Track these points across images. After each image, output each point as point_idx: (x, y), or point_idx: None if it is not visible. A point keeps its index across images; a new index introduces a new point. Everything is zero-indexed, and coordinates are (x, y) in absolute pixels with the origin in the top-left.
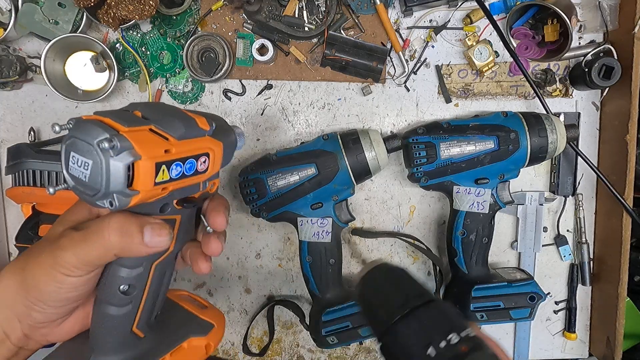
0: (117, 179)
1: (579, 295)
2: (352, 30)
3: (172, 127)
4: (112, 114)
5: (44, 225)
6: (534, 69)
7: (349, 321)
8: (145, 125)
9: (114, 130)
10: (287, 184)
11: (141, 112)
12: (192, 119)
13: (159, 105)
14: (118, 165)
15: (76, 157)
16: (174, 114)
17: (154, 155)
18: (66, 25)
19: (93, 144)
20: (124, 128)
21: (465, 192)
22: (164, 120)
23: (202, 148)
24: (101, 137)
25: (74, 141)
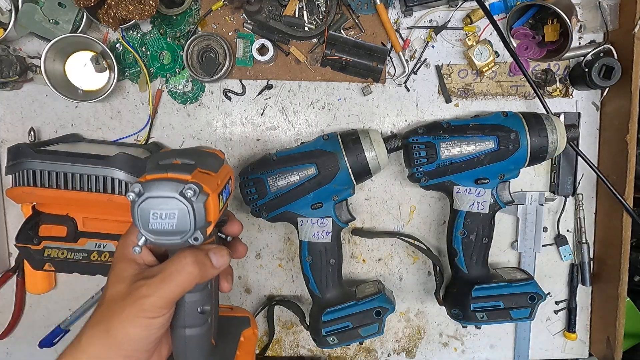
0: (200, 217)
1: (579, 295)
2: (352, 30)
3: (209, 164)
4: (167, 168)
5: (44, 225)
6: (534, 69)
7: (349, 321)
8: (195, 168)
9: (183, 180)
10: (287, 184)
11: (179, 159)
12: (214, 153)
13: (188, 150)
14: (200, 206)
15: (159, 213)
16: (203, 154)
17: (214, 190)
18: (66, 25)
19: (176, 196)
20: (188, 177)
21: (466, 192)
22: (201, 160)
23: (228, 174)
24: (181, 188)
25: (150, 201)
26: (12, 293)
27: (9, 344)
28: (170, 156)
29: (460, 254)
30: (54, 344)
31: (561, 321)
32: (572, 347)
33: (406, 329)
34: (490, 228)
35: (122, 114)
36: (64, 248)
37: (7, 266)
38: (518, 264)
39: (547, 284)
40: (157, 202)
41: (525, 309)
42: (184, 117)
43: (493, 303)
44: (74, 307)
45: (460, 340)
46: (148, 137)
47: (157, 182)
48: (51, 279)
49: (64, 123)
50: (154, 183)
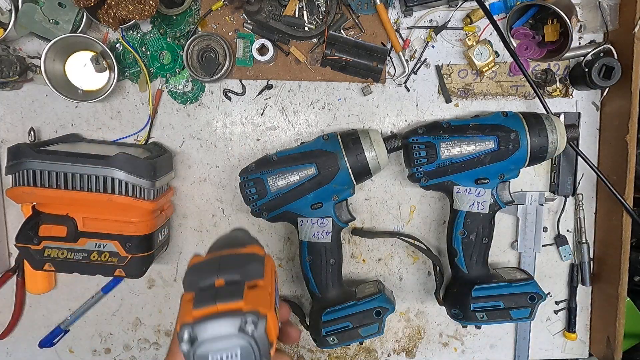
0: (264, 345)
1: (579, 295)
2: (352, 30)
3: (254, 271)
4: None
5: (44, 225)
6: (534, 69)
7: (349, 321)
8: (244, 286)
9: (238, 311)
10: (287, 184)
11: (222, 276)
12: (254, 254)
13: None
14: (262, 334)
15: (218, 355)
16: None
17: (270, 306)
18: (66, 25)
19: (236, 333)
20: (241, 304)
21: (466, 192)
22: (245, 270)
23: (272, 269)
24: (239, 323)
25: (206, 346)
26: (12, 293)
27: (9, 344)
28: (210, 272)
29: (460, 254)
30: (54, 344)
31: (561, 321)
32: (572, 347)
33: (406, 329)
34: (490, 228)
35: (122, 114)
36: (64, 248)
37: (7, 266)
38: (518, 264)
39: (547, 284)
40: (214, 345)
41: (525, 309)
42: (184, 117)
43: (493, 303)
44: (74, 307)
45: (460, 340)
46: (148, 137)
47: (209, 322)
48: (51, 279)
49: (64, 123)
50: (206, 323)
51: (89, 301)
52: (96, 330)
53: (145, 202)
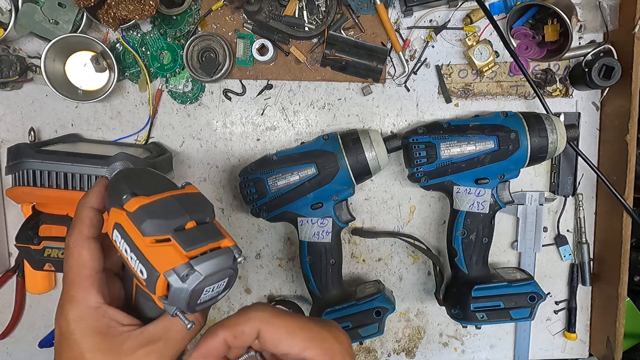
0: (237, 270)
1: (579, 295)
2: (352, 30)
3: (210, 211)
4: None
5: (44, 225)
6: (534, 69)
7: (348, 321)
8: (217, 227)
9: (226, 248)
10: (287, 184)
11: (194, 220)
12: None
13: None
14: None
15: (210, 287)
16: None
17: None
18: (66, 25)
19: (231, 266)
20: (226, 241)
21: (466, 192)
22: (208, 211)
23: None
24: (232, 257)
25: (206, 279)
26: (12, 293)
27: (9, 344)
28: (176, 215)
29: (460, 254)
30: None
31: (561, 321)
32: (572, 347)
33: (406, 329)
34: (490, 228)
35: (122, 114)
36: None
37: (7, 266)
38: (518, 264)
39: (547, 284)
40: (212, 278)
41: (525, 309)
42: (184, 117)
43: (493, 303)
44: None
45: (460, 340)
46: (148, 137)
47: (208, 259)
48: (51, 279)
49: (64, 123)
50: (206, 260)
51: None
52: None
53: None
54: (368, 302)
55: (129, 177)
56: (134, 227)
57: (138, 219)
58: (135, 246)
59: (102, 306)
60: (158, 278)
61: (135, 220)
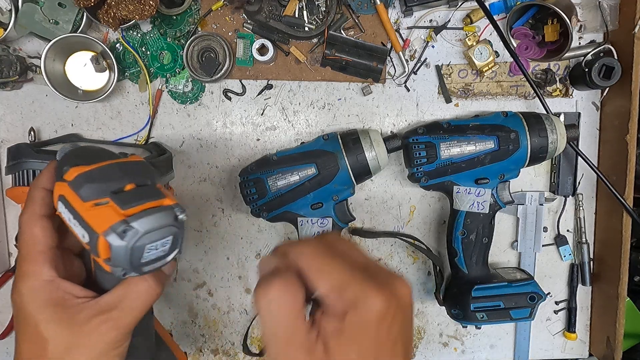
0: (183, 229)
1: (579, 295)
2: (352, 30)
3: (154, 176)
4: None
5: None
6: (534, 69)
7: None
8: (159, 188)
9: (167, 206)
10: (287, 184)
11: (134, 182)
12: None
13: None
14: (184, 222)
15: (153, 246)
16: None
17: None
18: (66, 25)
19: (173, 223)
20: (167, 200)
21: (466, 192)
22: (150, 176)
23: None
24: (174, 214)
25: (146, 237)
26: None
27: (9, 344)
28: (115, 178)
29: (460, 254)
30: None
31: (561, 321)
32: (572, 347)
33: None
34: (490, 228)
35: (122, 114)
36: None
37: (7, 266)
38: (518, 264)
39: (547, 284)
40: (153, 235)
41: (525, 309)
42: (184, 117)
43: (493, 303)
44: None
45: (460, 340)
46: (148, 137)
47: (146, 215)
48: None
49: (64, 123)
50: (144, 217)
51: None
52: None
53: None
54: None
55: (72, 152)
56: (74, 194)
57: (77, 186)
58: (77, 212)
59: (55, 279)
60: (98, 239)
61: (74, 187)
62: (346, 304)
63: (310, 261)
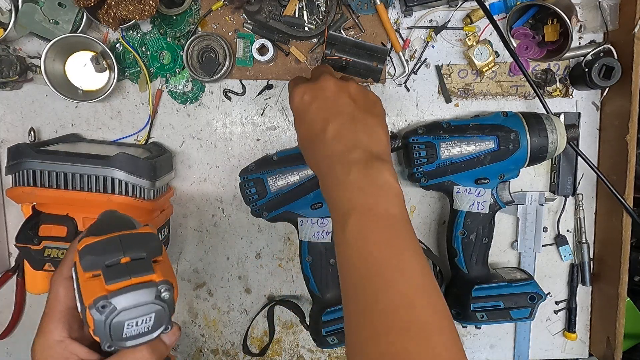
0: (172, 308)
1: (579, 295)
2: (352, 30)
3: (155, 250)
4: (124, 272)
5: (44, 225)
6: (534, 69)
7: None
8: (151, 262)
9: (152, 282)
10: (287, 184)
11: (129, 256)
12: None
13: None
14: (171, 299)
15: (134, 322)
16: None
17: (174, 276)
18: (66, 25)
19: (153, 300)
20: (154, 276)
21: (466, 192)
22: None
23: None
24: (156, 292)
25: (124, 314)
26: (12, 293)
27: (9, 344)
28: (114, 251)
29: (460, 254)
30: None
31: (561, 321)
32: (572, 347)
33: None
34: (490, 228)
35: (122, 114)
36: (64, 248)
37: (7, 266)
38: (518, 264)
39: (547, 284)
40: (132, 312)
41: (525, 309)
42: (184, 117)
43: (493, 303)
44: None
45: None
46: (148, 137)
47: (126, 293)
48: None
49: (64, 123)
50: (124, 295)
51: None
52: None
53: (145, 202)
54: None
55: (99, 219)
56: (79, 263)
57: (81, 255)
58: (78, 281)
59: (65, 340)
60: (85, 310)
61: (80, 256)
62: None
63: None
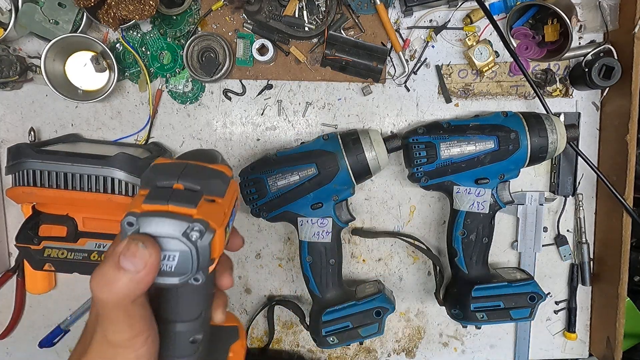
0: (204, 258)
1: (579, 295)
2: (352, 30)
3: (215, 187)
4: (167, 197)
5: (44, 225)
6: (534, 69)
7: (349, 321)
8: (200, 197)
9: (187, 216)
10: (287, 184)
11: (182, 182)
12: (221, 171)
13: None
14: (205, 246)
15: None
16: (209, 173)
17: (221, 223)
18: (66, 25)
19: (179, 237)
20: (193, 210)
21: (466, 192)
22: (207, 184)
23: (234, 194)
24: (185, 228)
25: None
26: (12, 293)
27: (9, 344)
28: (172, 174)
29: (460, 254)
30: (54, 344)
31: (561, 321)
32: (572, 347)
33: (406, 329)
34: (490, 228)
35: (122, 114)
36: (64, 248)
37: (7, 266)
38: (518, 264)
39: (547, 284)
40: (158, 242)
41: (525, 309)
42: (184, 117)
43: (493, 303)
44: (74, 307)
45: (460, 340)
46: (148, 137)
47: (155, 218)
48: (51, 279)
49: (64, 123)
50: (152, 218)
51: (89, 301)
52: None
53: None
54: (368, 302)
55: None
56: None
57: (145, 173)
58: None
59: None
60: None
61: (144, 173)
62: None
63: None
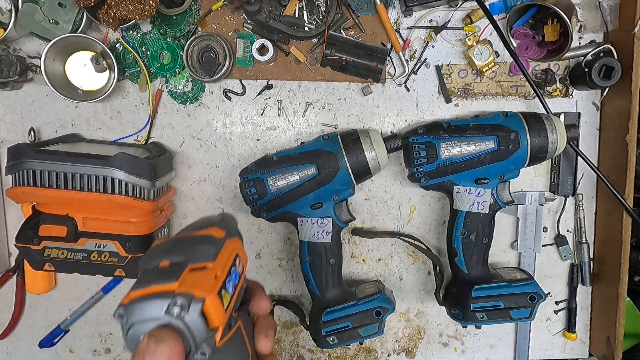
0: (199, 330)
1: (579, 295)
2: (352, 30)
3: (203, 253)
4: (151, 278)
5: (44, 225)
6: (534, 69)
7: (349, 321)
8: (184, 269)
9: (169, 293)
10: (287, 184)
11: (168, 260)
12: (210, 236)
13: (175, 243)
14: (195, 318)
15: None
16: (193, 242)
17: (212, 288)
18: (66, 25)
19: (162, 316)
20: (174, 285)
21: (466, 192)
22: (193, 253)
23: (231, 253)
24: (166, 305)
25: (136, 327)
26: (12, 293)
27: (9, 344)
28: (159, 253)
29: (460, 254)
30: (54, 344)
31: (561, 321)
32: (572, 347)
33: (406, 329)
34: (490, 228)
35: (122, 114)
36: (64, 248)
37: (7, 266)
38: (518, 264)
39: (547, 284)
40: (145, 326)
41: (525, 309)
42: (184, 117)
43: (493, 303)
44: (74, 307)
45: (460, 340)
46: (148, 137)
47: (138, 303)
48: (51, 279)
49: (64, 123)
50: (136, 304)
51: (89, 301)
52: (96, 330)
53: (145, 202)
54: (368, 302)
55: None
56: None
57: (141, 258)
58: None
59: None
60: None
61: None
62: None
63: None
